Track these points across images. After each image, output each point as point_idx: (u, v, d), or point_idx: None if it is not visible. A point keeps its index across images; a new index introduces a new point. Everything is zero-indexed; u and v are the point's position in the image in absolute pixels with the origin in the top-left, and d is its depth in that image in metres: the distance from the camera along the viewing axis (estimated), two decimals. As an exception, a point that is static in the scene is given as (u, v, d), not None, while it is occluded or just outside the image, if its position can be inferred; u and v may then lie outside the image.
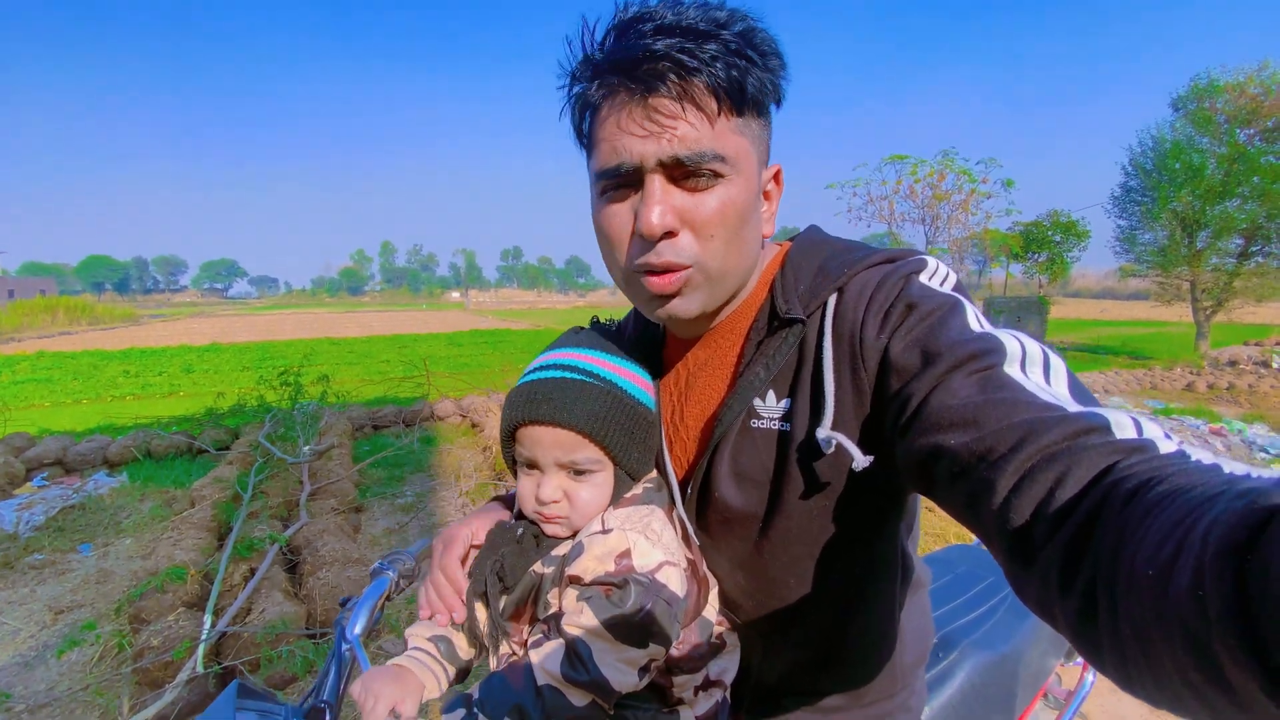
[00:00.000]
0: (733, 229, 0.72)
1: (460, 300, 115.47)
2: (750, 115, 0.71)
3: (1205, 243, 15.93)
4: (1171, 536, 0.35)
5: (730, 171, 0.69)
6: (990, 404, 0.54)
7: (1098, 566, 0.40)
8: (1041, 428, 0.50)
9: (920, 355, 0.63)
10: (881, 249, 0.78)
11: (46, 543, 4.26)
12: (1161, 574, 0.34)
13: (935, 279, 0.73)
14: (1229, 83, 14.84)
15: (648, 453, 0.85)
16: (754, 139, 0.73)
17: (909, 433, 0.61)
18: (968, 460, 0.53)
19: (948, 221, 18.34)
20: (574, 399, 0.79)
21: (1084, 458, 0.46)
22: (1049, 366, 0.59)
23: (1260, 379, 10.55)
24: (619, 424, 0.80)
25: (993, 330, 0.63)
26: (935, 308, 0.66)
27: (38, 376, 13.75)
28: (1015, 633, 1.34)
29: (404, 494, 5.24)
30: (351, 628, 0.96)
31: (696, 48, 0.65)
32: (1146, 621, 0.35)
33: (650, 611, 0.73)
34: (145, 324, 41.10)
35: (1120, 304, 57.03)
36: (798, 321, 0.75)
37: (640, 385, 0.85)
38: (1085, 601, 0.41)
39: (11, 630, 3.23)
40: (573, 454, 0.80)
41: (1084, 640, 0.42)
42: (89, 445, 6.24)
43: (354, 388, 11.05)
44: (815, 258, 0.79)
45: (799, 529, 0.76)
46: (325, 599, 3.01)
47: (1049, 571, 0.44)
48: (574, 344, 0.86)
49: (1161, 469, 0.42)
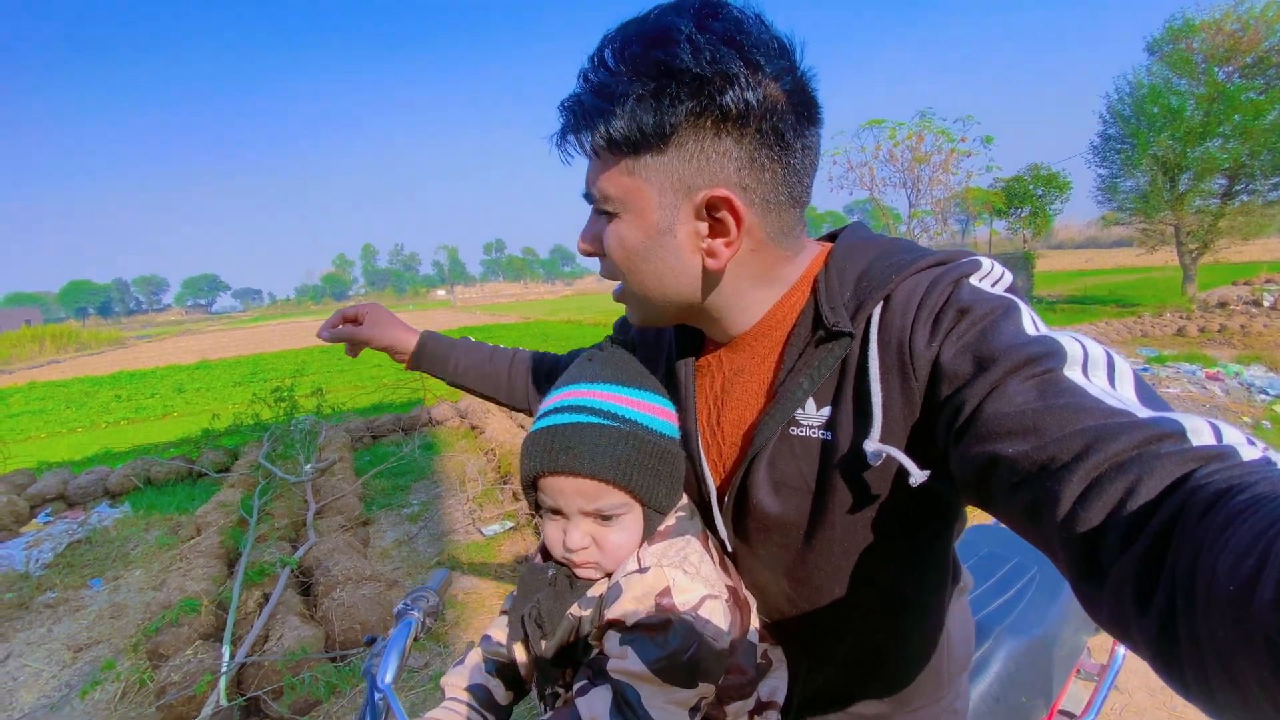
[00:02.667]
0: (625, 262, 0.75)
1: (446, 298, 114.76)
2: (645, 151, 0.67)
3: (1188, 185, 15.96)
4: (1254, 548, 0.33)
5: (619, 210, 0.72)
6: (1051, 410, 0.51)
7: (1175, 582, 0.38)
8: (1109, 434, 0.47)
9: (973, 361, 0.60)
10: (930, 251, 0.73)
11: (58, 580, 4.23)
12: (1244, 588, 0.32)
13: (987, 281, 0.69)
14: (1205, 21, 14.77)
15: (675, 486, 0.82)
16: (651, 175, 0.68)
17: (963, 441, 0.58)
18: (1028, 470, 0.51)
19: (929, 183, 18.31)
20: (594, 446, 0.75)
21: (1157, 466, 0.43)
22: (1113, 369, 0.56)
23: (1252, 318, 10.64)
24: (643, 465, 0.77)
25: (1051, 332, 0.60)
26: (988, 311, 0.63)
27: (31, 408, 13.65)
28: (1048, 613, 1.33)
29: (410, 504, 5.21)
30: (383, 676, 0.94)
31: (591, 102, 0.67)
32: (1229, 640, 0.33)
33: (697, 651, 0.71)
34: (132, 346, 40.78)
35: (1104, 252, 57.19)
36: (845, 334, 0.71)
37: (661, 416, 0.82)
38: (1164, 620, 0.38)
39: (34, 671, 3.22)
40: (597, 501, 0.77)
41: (1164, 660, 0.39)
42: (89, 477, 6.18)
43: (348, 397, 10.98)
44: (859, 261, 0.75)
45: (844, 539, 0.74)
46: (342, 620, 2.99)
47: (1123, 589, 0.42)
48: (589, 378, 0.82)
49: (1243, 477, 0.39)
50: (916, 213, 18.66)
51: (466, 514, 4.80)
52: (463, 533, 4.50)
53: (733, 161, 0.67)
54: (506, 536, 4.32)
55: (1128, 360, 0.58)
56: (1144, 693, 2.41)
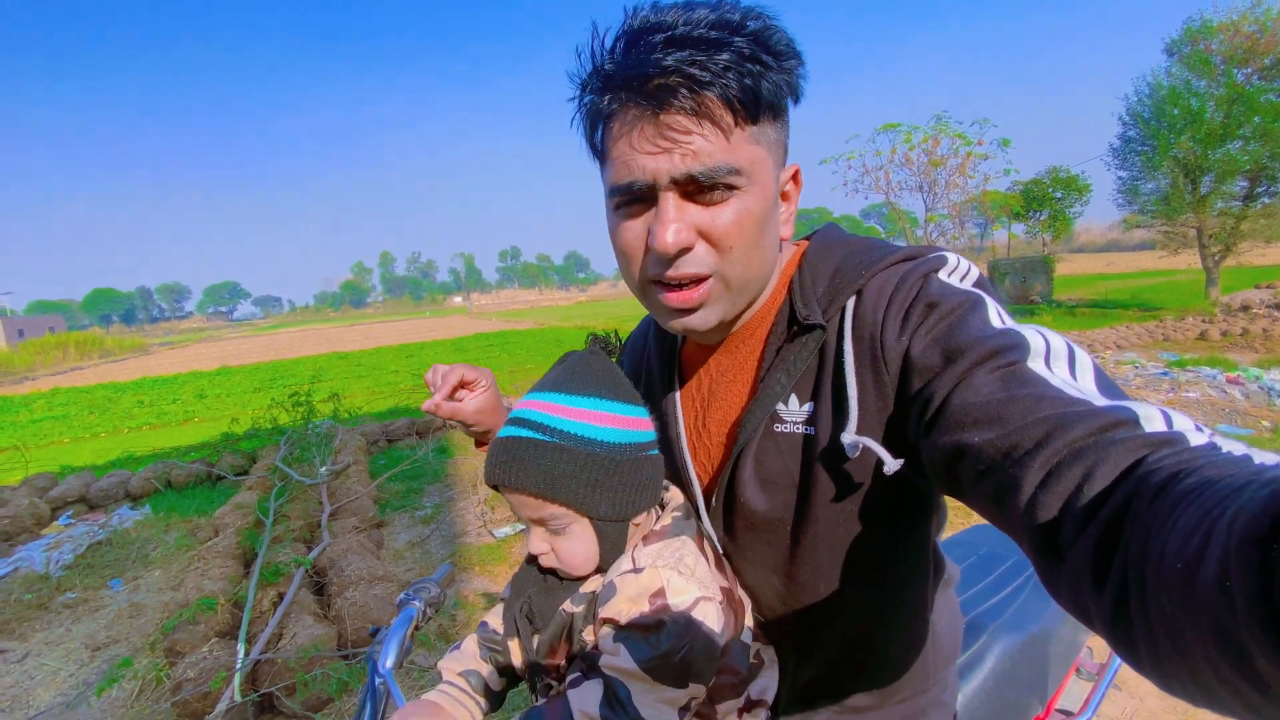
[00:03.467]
0: (751, 240, 0.71)
1: (463, 304, 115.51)
2: (766, 121, 0.69)
3: (1209, 187, 15.69)
4: (1199, 529, 0.34)
5: (745, 183, 0.68)
6: (1014, 400, 0.54)
7: (1128, 562, 0.40)
8: (1067, 422, 0.49)
9: (941, 354, 0.62)
10: (900, 247, 0.76)
11: (77, 580, 4.31)
12: (1189, 567, 0.34)
13: (955, 275, 0.72)
14: (1223, 22, 14.57)
15: (626, 495, 0.80)
16: (770, 145, 0.71)
17: (932, 432, 0.60)
18: (993, 457, 0.53)
19: (946, 187, 18.17)
20: (525, 461, 0.76)
21: (1112, 452, 0.45)
22: (1074, 361, 0.58)
23: (1275, 322, 10.43)
24: (576, 478, 0.76)
25: (1015, 326, 0.62)
26: (956, 305, 0.65)
27: (55, 414, 13.90)
28: (1044, 611, 1.33)
29: (423, 506, 5.27)
30: (383, 661, 0.97)
31: (708, 59, 0.63)
32: (1177, 617, 0.34)
33: (689, 651, 0.72)
34: (154, 353, 41.45)
35: (1126, 255, 56.41)
36: (818, 327, 0.74)
37: (614, 424, 0.80)
38: (1118, 598, 0.40)
39: (52, 670, 3.28)
40: (538, 512, 0.79)
41: (1119, 638, 0.41)
42: (110, 480, 6.30)
43: (365, 401, 11.11)
44: (832, 259, 0.78)
45: (829, 532, 0.76)
46: (354, 619, 3.03)
47: (1080, 568, 0.44)
48: (540, 387, 0.83)
49: (1191, 461, 0.41)
50: (933, 216, 18.53)
51: (478, 516, 4.84)
52: (475, 535, 4.54)
53: (788, 136, 0.74)
54: (518, 538, 4.36)
55: (1089, 353, 0.60)
56: (1155, 697, 2.38)
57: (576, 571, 0.82)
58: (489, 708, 0.94)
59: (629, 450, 0.80)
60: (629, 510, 0.80)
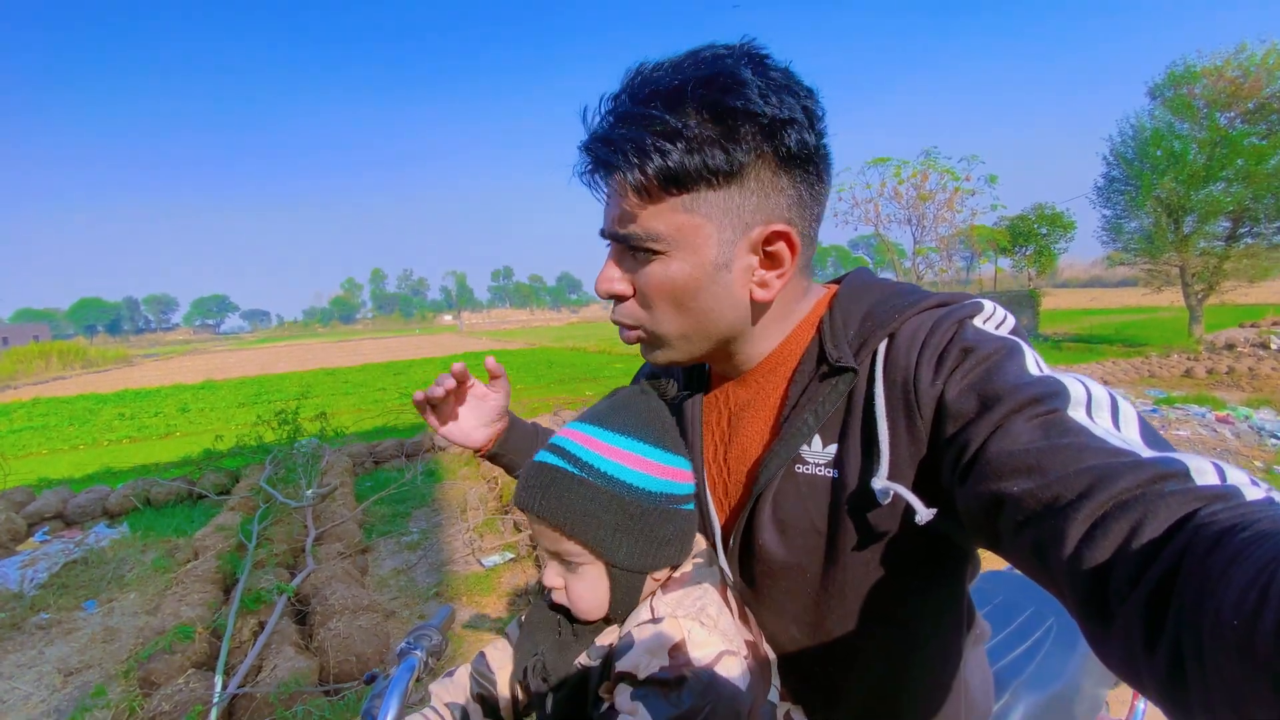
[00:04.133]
0: (673, 301, 0.73)
1: (453, 323, 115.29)
2: (705, 189, 0.67)
3: (1192, 227, 16.05)
4: (1256, 582, 0.33)
5: (669, 248, 0.70)
6: (1055, 449, 0.51)
7: (1182, 621, 0.37)
8: (1113, 474, 0.47)
9: (977, 400, 0.60)
10: (933, 293, 0.75)
11: (51, 600, 4.17)
12: (1247, 623, 0.32)
13: (991, 323, 0.70)
14: (1206, 67, 15.02)
15: (650, 547, 0.76)
16: (715, 211, 0.68)
17: (968, 480, 0.58)
18: (1033, 509, 0.50)
19: (934, 220, 18.47)
20: (552, 491, 0.74)
21: (1162, 505, 0.43)
22: (1117, 410, 0.56)
23: (1260, 361, 10.57)
24: (600, 521, 0.74)
25: (1054, 374, 0.61)
26: (992, 351, 0.64)
27: (34, 424, 13.68)
28: (1066, 667, 1.29)
29: (410, 531, 5.15)
30: (383, 717, 0.92)
31: (641, 139, 0.65)
32: (1235, 674, 0.32)
33: (713, 711, 0.68)
34: (138, 364, 41.00)
35: (1110, 291, 57.38)
36: (849, 370, 0.72)
37: (653, 472, 0.77)
38: (1172, 658, 0.38)
39: (23, 695, 3.16)
40: (556, 545, 0.76)
41: (1172, 701, 0.38)
42: (88, 496, 6.14)
43: (351, 420, 10.96)
44: (864, 302, 0.77)
45: (855, 580, 0.73)
46: (338, 651, 2.93)
47: (1131, 628, 0.41)
48: (586, 418, 0.81)
49: (1247, 515, 0.39)
50: (921, 249, 18.80)
51: (466, 543, 4.73)
52: (462, 563, 4.44)
53: (787, 198, 0.71)
54: (506, 568, 4.26)
55: (1133, 403, 0.57)
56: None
57: (584, 616, 0.79)
58: None
59: (659, 500, 0.77)
60: (648, 564, 0.77)
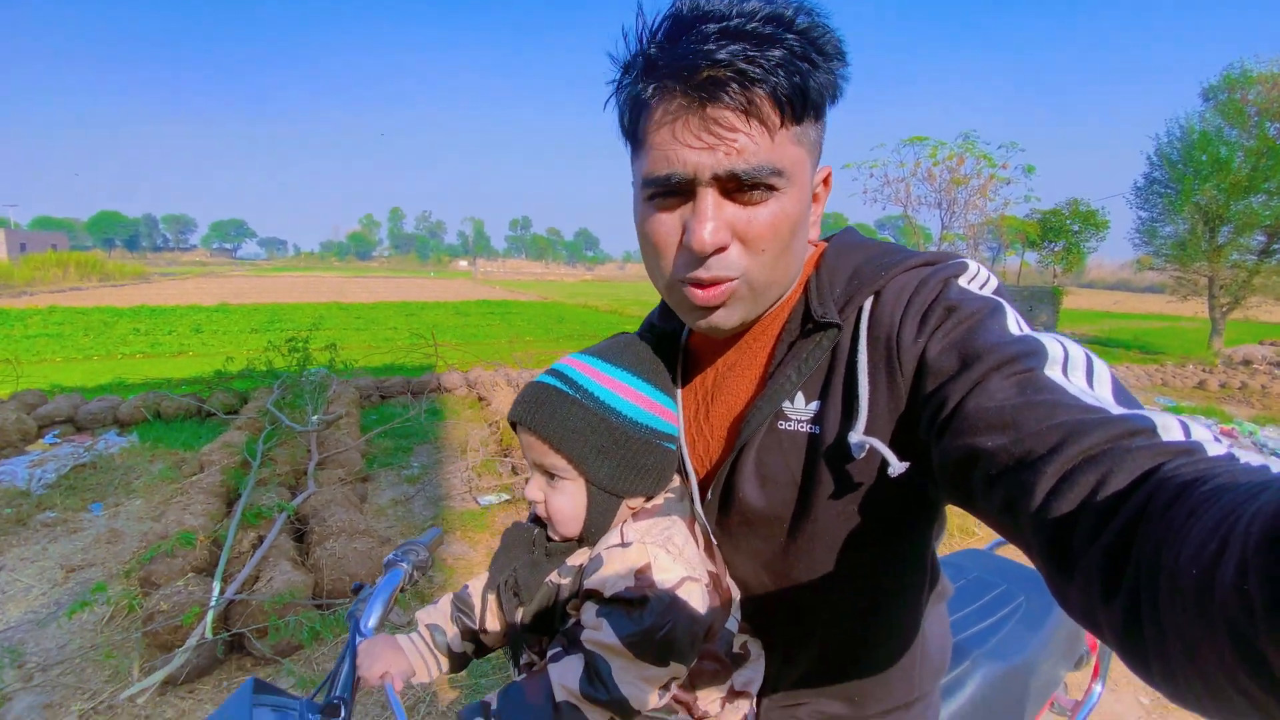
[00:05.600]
0: (784, 242, 0.69)
1: (468, 269, 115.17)
2: (809, 122, 0.67)
3: (1227, 237, 15.68)
4: (1215, 534, 0.34)
5: (785, 184, 0.66)
6: (1029, 406, 0.53)
7: (1140, 571, 0.39)
8: (1083, 429, 0.48)
9: (958, 357, 0.62)
10: (919, 252, 0.75)
11: (58, 500, 4.31)
12: (1205, 572, 0.33)
13: (975, 282, 0.71)
14: (1263, 74, 14.46)
15: (629, 472, 0.81)
16: (810, 146, 0.69)
17: (944, 435, 0.59)
18: (1005, 463, 0.52)
19: (965, 206, 18.09)
20: (546, 407, 0.80)
21: (1127, 460, 0.44)
22: (1092, 370, 0.57)
23: (1274, 379, 10.45)
24: (587, 440, 0.78)
25: (1034, 333, 0.62)
26: (975, 310, 0.65)
27: (49, 331, 13.88)
28: (1028, 644, 1.33)
29: (410, 465, 5.27)
30: (366, 621, 0.96)
31: (761, 54, 0.60)
32: (1191, 624, 0.34)
33: (671, 629, 0.72)
34: (155, 282, 41.33)
35: (1135, 296, 56.44)
36: (833, 326, 0.73)
37: (643, 405, 0.82)
38: (1129, 608, 0.39)
39: (24, 587, 3.28)
40: (544, 459, 0.81)
41: (1130, 650, 0.40)
42: (100, 404, 6.28)
43: (361, 355, 11.08)
44: (851, 260, 0.77)
45: (826, 530, 0.75)
46: (332, 569, 3.03)
47: (1091, 578, 0.43)
48: (591, 353, 0.85)
49: (1208, 470, 0.41)
50: (948, 235, 18.47)
51: (464, 482, 4.84)
52: (459, 500, 4.54)
53: (823, 137, 0.72)
54: (501, 509, 4.36)
55: (1107, 364, 0.59)
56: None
57: (560, 530, 0.83)
58: (449, 668, 0.96)
59: (643, 431, 0.81)
60: (625, 487, 0.81)
